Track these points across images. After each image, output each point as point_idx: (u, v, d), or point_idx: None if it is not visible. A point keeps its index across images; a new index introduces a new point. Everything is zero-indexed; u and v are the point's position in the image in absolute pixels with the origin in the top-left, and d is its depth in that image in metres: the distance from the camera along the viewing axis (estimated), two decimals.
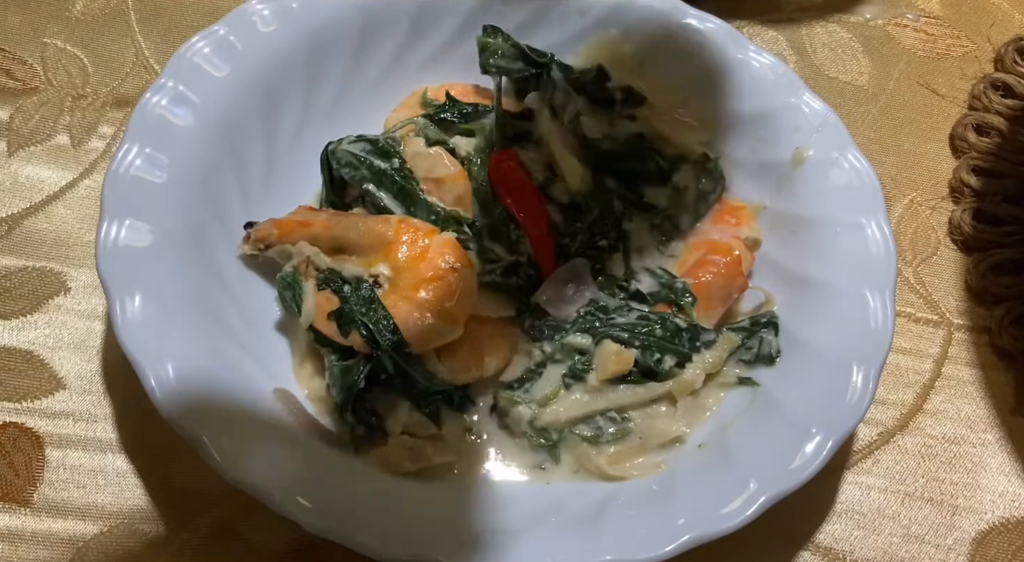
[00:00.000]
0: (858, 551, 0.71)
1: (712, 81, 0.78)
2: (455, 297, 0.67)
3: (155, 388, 0.61)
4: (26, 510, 0.67)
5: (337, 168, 0.72)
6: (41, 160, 0.80)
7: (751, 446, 0.64)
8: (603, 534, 0.61)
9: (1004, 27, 0.96)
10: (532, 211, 0.71)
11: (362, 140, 0.72)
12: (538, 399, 0.68)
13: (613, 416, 0.68)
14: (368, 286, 0.67)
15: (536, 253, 0.71)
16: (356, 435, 0.65)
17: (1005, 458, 0.75)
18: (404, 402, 0.67)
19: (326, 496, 0.60)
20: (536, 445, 0.67)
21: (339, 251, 0.69)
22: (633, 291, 0.71)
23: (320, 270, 0.68)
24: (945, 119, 0.91)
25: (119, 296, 0.63)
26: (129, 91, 0.83)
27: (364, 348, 0.65)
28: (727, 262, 0.71)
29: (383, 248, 0.68)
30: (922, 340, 0.79)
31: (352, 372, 0.65)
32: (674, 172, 0.76)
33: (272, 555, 0.67)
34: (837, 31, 0.95)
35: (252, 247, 0.70)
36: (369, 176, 0.71)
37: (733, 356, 0.70)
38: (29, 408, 0.70)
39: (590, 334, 0.69)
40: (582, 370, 0.68)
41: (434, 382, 0.66)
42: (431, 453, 0.65)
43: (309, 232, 0.69)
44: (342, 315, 0.66)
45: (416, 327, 0.65)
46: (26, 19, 0.86)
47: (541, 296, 0.70)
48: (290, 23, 0.74)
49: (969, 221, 0.84)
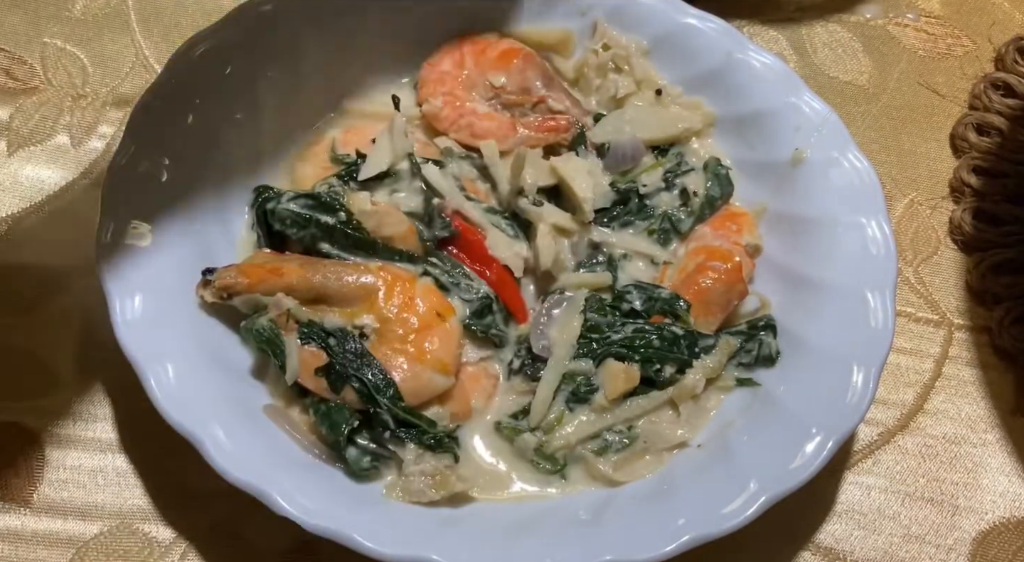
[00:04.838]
0: (858, 551, 0.71)
1: (712, 81, 0.78)
2: (446, 346, 0.67)
3: (155, 388, 0.61)
4: (26, 510, 0.67)
5: (281, 228, 0.69)
6: (41, 160, 0.80)
7: (751, 446, 0.64)
8: (603, 534, 0.61)
9: (1005, 27, 0.96)
10: (486, 263, 0.70)
11: (302, 196, 0.69)
12: (543, 426, 0.67)
13: (620, 428, 0.68)
14: (355, 339, 0.65)
15: (502, 296, 0.70)
16: (362, 468, 0.64)
17: (1005, 458, 0.75)
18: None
19: (326, 496, 0.60)
20: (543, 471, 0.67)
21: (316, 301, 0.66)
22: (627, 311, 0.71)
23: (300, 323, 0.65)
24: (945, 119, 0.90)
25: (119, 296, 0.63)
26: (129, 91, 0.83)
27: (359, 404, 0.64)
28: (727, 269, 0.71)
29: (366, 298, 0.67)
30: (922, 340, 0.79)
31: (337, 413, 0.64)
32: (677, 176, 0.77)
33: (272, 555, 0.67)
34: (837, 31, 0.95)
35: (214, 296, 0.66)
36: (320, 235, 0.68)
37: (733, 359, 0.70)
38: (29, 408, 0.70)
39: (589, 357, 0.69)
40: (586, 392, 0.68)
41: (436, 429, 0.65)
42: (455, 481, 0.63)
43: (284, 282, 0.66)
44: (332, 371, 0.64)
45: (413, 380, 0.65)
46: (26, 19, 0.86)
47: (538, 344, 0.69)
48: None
49: (969, 221, 0.83)
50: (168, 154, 0.69)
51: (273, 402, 0.66)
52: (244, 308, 0.66)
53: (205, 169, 0.71)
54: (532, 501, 0.66)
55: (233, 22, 0.73)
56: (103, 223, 0.65)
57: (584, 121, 0.77)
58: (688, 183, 0.76)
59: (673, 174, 0.77)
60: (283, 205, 0.68)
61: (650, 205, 0.76)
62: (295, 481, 0.60)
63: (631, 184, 0.76)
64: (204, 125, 0.71)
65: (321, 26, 0.75)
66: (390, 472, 0.65)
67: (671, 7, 0.79)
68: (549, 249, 0.70)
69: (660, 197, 0.76)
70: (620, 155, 0.76)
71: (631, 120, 0.77)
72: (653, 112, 0.78)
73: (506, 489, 0.66)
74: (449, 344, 0.67)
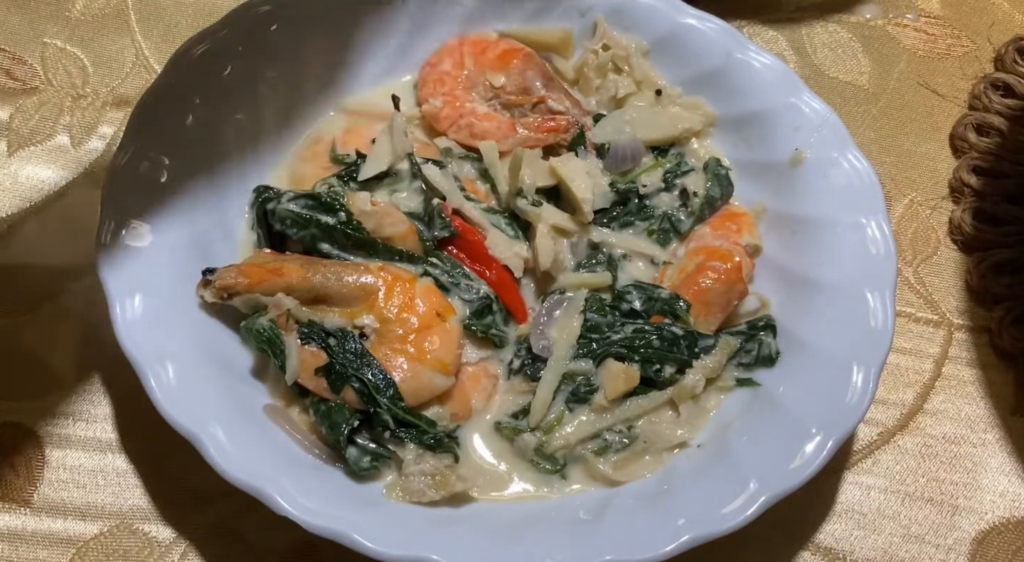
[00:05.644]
0: (858, 551, 0.71)
1: (712, 81, 0.78)
2: (446, 346, 0.67)
3: (155, 388, 0.61)
4: (26, 510, 0.67)
5: (281, 228, 0.69)
6: (41, 160, 0.80)
7: (751, 446, 0.64)
8: (603, 534, 0.61)
9: (1004, 27, 0.96)
10: (486, 263, 0.70)
11: (302, 197, 0.69)
12: (543, 426, 0.67)
13: (620, 428, 0.68)
14: (355, 339, 0.66)
15: (502, 297, 0.70)
16: (362, 468, 0.63)
17: (1005, 458, 0.75)
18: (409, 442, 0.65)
19: (326, 496, 0.60)
20: (543, 471, 0.67)
21: (316, 301, 0.67)
22: (627, 311, 0.71)
23: (301, 323, 0.66)
24: (945, 119, 0.90)
25: (119, 296, 0.63)
26: (129, 91, 0.83)
27: (359, 404, 0.64)
28: (727, 269, 0.71)
29: (366, 298, 0.67)
30: (922, 340, 0.79)
31: (337, 413, 0.64)
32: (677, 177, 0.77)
33: (272, 555, 0.67)
34: (837, 31, 0.95)
35: (214, 296, 0.66)
36: (320, 235, 0.68)
37: (733, 360, 0.70)
38: (29, 408, 0.70)
39: (589, 357, 0.69)
40: (586, 392, 0.68)
41: (436, 429, 0.65)
42: (455, 480, 0.63)
43: (284, 282, 0.66)
44: (332, 371, 0.64)
45: (413, 380, 0.65)
46: (26, 19, 0.86)
47: (537, 344, 0.69)
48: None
49: (969, 221, 0.83)
50: (168, 154, 0.69)
51: (273, 402, 0.66)
52: (244, 308, 0.66)
53: (205, 169, 0.71)
54: (532, 501, 0.66)
55: (233, 22, 0.73)
56: (103, 223, 0.65)
57: (584, 121, 0.77)
58: (688, 183, 0.76)
59: (673, 174, 0.77)
60: (283, 205, 0.68)
61: (650, 205, 0.76)
62: (295, 481, 0.60)
63: (631, 184, 0.76)
64: (204, 125, 0.71)
65: (320, 26, 0.75)
66: (390, 472, 0.65)
67: (671, 7, 0.79)
68: (548, 249, 0.70)
69: (660, 197, 0.76)
70: (620, 155, 0.76)
71: (631, 120, 0.77)
72: (653, 112, 0.78)
73: (506, 489, 0.66)
74: (449, 344, 0.67)
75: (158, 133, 0.69)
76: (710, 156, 0.77)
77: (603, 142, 0.76)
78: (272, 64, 0.74)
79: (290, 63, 0.75)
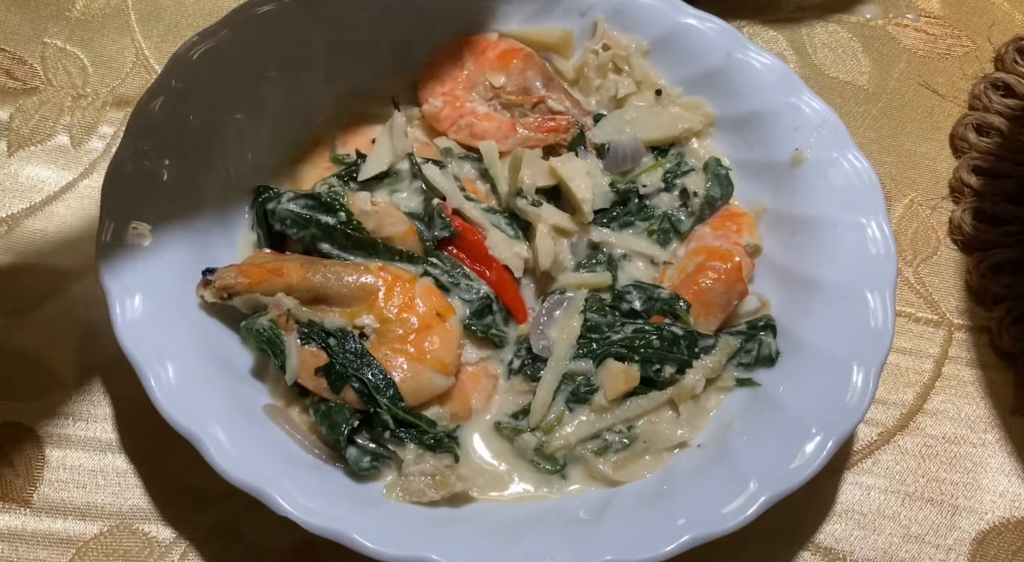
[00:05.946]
0: (858, 551, 0.71)
1: (712, 81, 0.78)
2: (446, 346, 0.67)
3: (155, 388, 0.61)
4: (26, 510, 0.67)
5: (281, 228, 0.69)
6: (41, 160, 0.80)
7: (751, 446, 0.64)
8: (603, 534, 0.61)
9: (1004, 27, 0.96)
10: (486, 263, 0.70)
11: (302, 197, 0.69)
12: (543, 426, 0.67)
13: (620, 428, 0.68)
14: (355, 339, 0.66)
15: (502, 297, 0.70)
16: (362, 468, 0.63)
17: (1005, 458, 0.75)
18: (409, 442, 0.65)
19: (326, 496, 0.60)
20: (543, 471, 0.67)
21: (316, 301, 0.67)
22: (626, 311, 0.71)
23: (301, 323, 0.66)
24: (945, 119, 0.90)
25: (119, 296, 0.63)
26: (129, 91, 0.83)
27: (359, 404, 0.64)
28: (727, 269, 0.71)
29: (366, 298, 0.67)
30: (922, 340, 0.79)
31: (337, 413, 0.64)
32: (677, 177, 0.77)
33: (272, 555, 0.67)
34: (837, 31, 0.95)
35: (214, 296, 0.66)
36: (320, 235, 0.68)
37: (733, 360, 0.70)
38: (29, 408, 0.70)
39: (589, 357, 0.69)
40: (586, 392, 0.68)
41: (436, 429, 0.65)
42: (455, 481, 0.63)
43: (284, 282, 0.66)
44: (332, 371, 0.64)
45: (413, 380, 0.65)
46: (26, 19, 0.86)
47: (537, 344, 0.69)
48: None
49: (969, 221, 0.83)
50: (168, 154, 0.69)
51: (273, 402, 0.66)
52: (244, 308, 0.66)
53: (205, 169, 0.71)
54: (532, 501, 0.66)
55: (233, 22, 0.73)
56: (103, 223, 0.65)
57: (584, 121, 0.77)
58: (688, 183, 0.76)
59: (673, 174, 0.77)
60: (283, 205, 0.68)
61: (650, 205, 0.76)
62: (295, 481, 0.60)
63: (631, 184, 0.76)
64: (204, 125, 0.71)
65: (321, 26, 0.75)
66: (390, 472, 0.65)
67: (671, 7, 0.79)
68: (548, 249, 0.70)
69: (660, 197, 0.76)
70: (620, 155, 0.76)
71: (631, 120, 0.77)
72: (653, 112, 0.78)
73: (506, 489, 0.66)
74: (449, 344, 0.67)
75: (158, 133, 0.69)
76: (710, 156, 0.77)
77: (603, 142, 0.76)
78: (272, 64, 0.74)
79: (290, 63, 0.75)
